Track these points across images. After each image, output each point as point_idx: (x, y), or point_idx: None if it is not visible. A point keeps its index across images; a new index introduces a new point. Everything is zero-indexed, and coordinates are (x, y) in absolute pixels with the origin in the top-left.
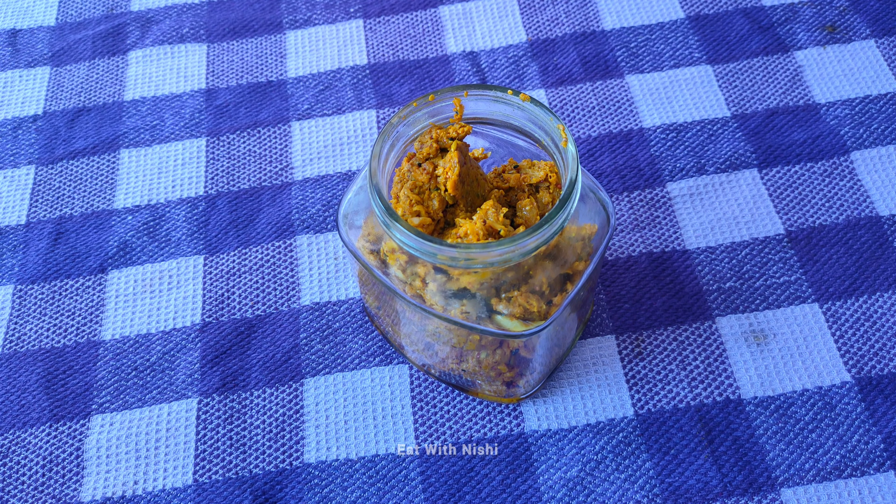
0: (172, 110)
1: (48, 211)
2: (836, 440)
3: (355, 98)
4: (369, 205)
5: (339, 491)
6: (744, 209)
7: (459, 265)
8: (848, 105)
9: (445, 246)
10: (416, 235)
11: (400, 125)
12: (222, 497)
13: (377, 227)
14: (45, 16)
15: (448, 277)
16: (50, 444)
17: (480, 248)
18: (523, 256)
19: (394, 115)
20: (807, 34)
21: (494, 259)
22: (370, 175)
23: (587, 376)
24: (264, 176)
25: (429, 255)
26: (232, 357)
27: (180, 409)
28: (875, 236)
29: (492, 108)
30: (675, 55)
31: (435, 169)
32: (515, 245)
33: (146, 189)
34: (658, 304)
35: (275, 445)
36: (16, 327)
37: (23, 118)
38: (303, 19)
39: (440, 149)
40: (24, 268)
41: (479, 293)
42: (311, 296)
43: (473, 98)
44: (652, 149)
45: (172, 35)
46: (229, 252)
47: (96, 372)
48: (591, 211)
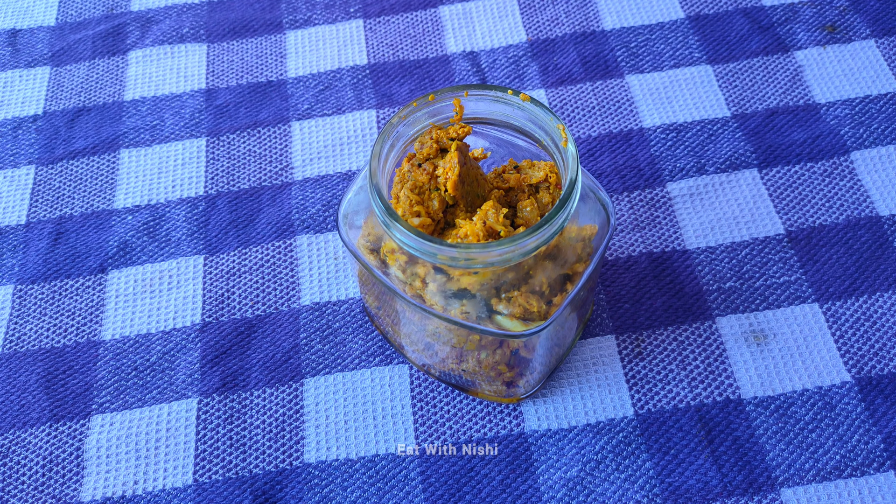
0: (172, 110)
1: (48, 211)
2: (836, 440)
3: (355, 98)
4: (369, 205)
5: (339, 491)
6: (744, 209)
7: (459, 265)
8: (848, 105)
9: (445, 246)
10: (416, 235)
11: (400, 125)
12: (222, 497)
13: (377, 227)
14: (45, 16)
15: (448, 277)
16: (50, 444)
17: (480, 248)
18: (523, 256)
19: (394, 115)
20: (807, 34)
21: (494, 259)
22: (370, 175)
23: (587, 376)
24: (264, 176)
25: (429, 255)
26: (232, 357)
27: (180, 409)
28: (875, 236)
29: (492, 108)
30: (675, 55)
31: (435, 169)
32: (515, 245)
33: (146, 189)
34: (658, 304)
35: (275, 445)
36: (16, 327)
37: (23, 118)
38: (303, 19)
39: (440, 149)
40: (24, 268)
41: (479, 293)
42: (311, 296)
43: (473, 98)
44: (652, 149)
45: (172, 35)
46: (229, 252)
47: (96, 372)
48: (591, 211)
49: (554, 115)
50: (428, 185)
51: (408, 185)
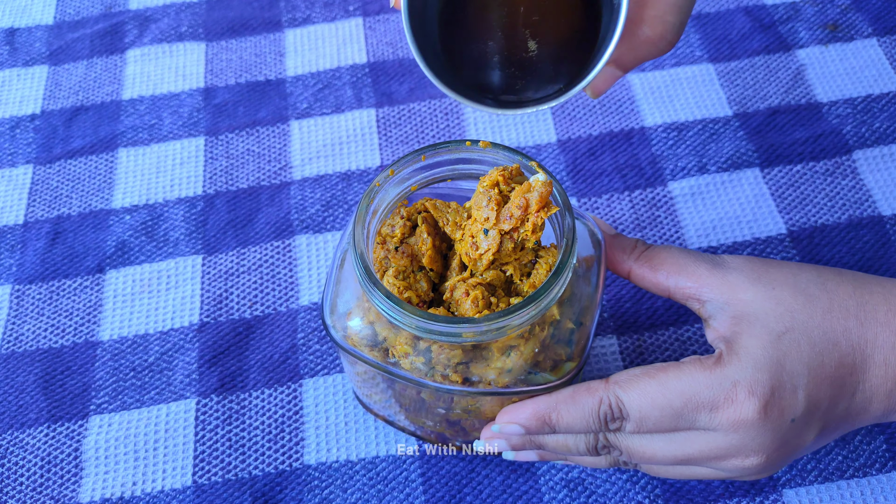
0: (171, 109)
1: (46, 210)
2: (838, 440)
3: (354, 97)
4: (358, 298)
5: (339, 493)
6: (745, 209)
7: (491, 335)
8: (850, 104)
9: (469, 323)
10: (444, 322)
11: (367, 214)
12: (222, 499)
13: (380, 325)
14: (42, 14)
15: (485, 359)
16: (48, 445)
17: (501, 315)
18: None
19: (359, 205)
20: (809, 33)
21: (524, 320)
22: (369, 293)
23: (589, 376)
24: (263, 175)
25: (455, 337)
26: (230, 357)
27: (179, 410)
28: (877, 236)
29: (455, 164)
30: (676, 53)
31: (412, 250)
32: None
33: (144, 188)
34: (659, 304)
35: (274, 447)
36: (13, 327)
37: (20, 117)
38: (302, 17)
39: (413, 225)
40: (22, 268)
41: (520, 358)
42: (309, 296)
43: (432, 158)
44: (653, 148)
45: (171, 33)
46: (228, 252)
47: (94, 372)
48: (581, 240)
49: (521, 154)
50: (411, 267)
51: (390, 272)
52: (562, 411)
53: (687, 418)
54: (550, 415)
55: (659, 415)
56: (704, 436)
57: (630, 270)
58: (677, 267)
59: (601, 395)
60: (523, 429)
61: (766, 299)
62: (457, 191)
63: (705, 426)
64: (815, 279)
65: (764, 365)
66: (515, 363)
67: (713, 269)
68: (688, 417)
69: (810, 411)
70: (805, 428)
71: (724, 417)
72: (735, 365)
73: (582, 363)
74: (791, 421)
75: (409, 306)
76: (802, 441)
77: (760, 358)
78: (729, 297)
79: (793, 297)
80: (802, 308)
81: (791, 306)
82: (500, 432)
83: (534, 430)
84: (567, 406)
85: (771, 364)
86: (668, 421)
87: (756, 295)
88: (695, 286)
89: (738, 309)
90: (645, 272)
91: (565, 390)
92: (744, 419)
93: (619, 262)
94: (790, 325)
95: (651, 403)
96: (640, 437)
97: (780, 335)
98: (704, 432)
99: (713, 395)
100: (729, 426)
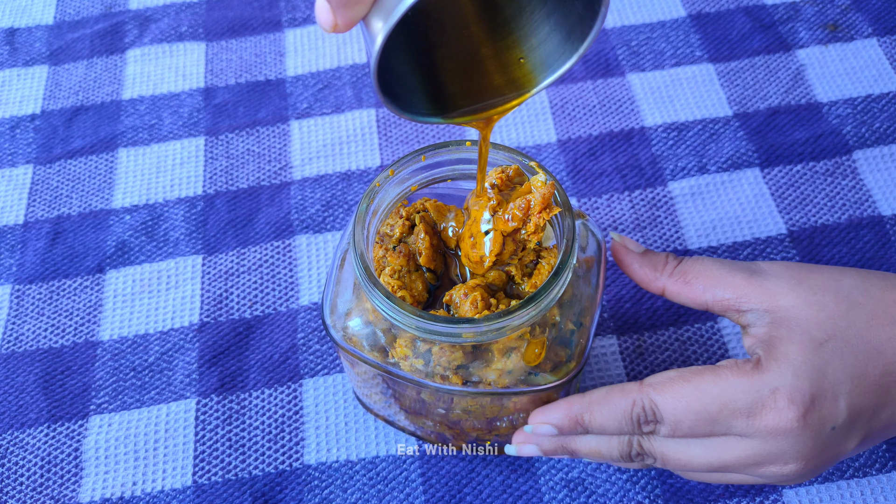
0: (171, 109)
1: (46, 210)
2: None
3: (355, 97)
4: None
5: (339, 493)
6: (745, 209)
7: (491, 336)
8: (850, 104)
9: (469, 324)
10: (443, 322)
11: (367, 214)
12: (222, 499)
13: (381, 324)
14: (42, 14)
15: (485, 360)
16: (48, 445)
17: (501, 315)
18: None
19: (359, 205)
20: (809, 33)
21: (524, 319)
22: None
23: (589, 376)
24: (263, 175)
25: (455, 337)
26: (230, 357)
27: (179, 410)
28: (878, 236)
29: (454, 165)
30: (676, 53)
31: (409, 249)
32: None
33: (144, 188)
34: (659, 304)
35: (274, 447)
36: (13, 327)
37: (21, 117)
38: (302, 17)
39: (411, 225)
40: (22, 267)
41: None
42: (309, 296)
43: (432, 159)
44: (653, 148)
45: (171, 33)
46: (228, 252)
47: (94, 372)
48: (584, 240)
49: (521, 154)
50: (407, 266)
51: (386, 270)
52: (594, 412)
53: (723, 424)
54: (583, 415)
55: (694, 419)
56: (741, 442)
57: (664, 288)
58: (713, 279)
59: (634, 396)
60: (556, 429)
61: (807, 305)
62: (457, 191)
63: (742, 432)
64: (859, 284)
65: (804, 373)
66: (516, 364)
67: (750, 277)
68: (723, 423)
69: (852, 420)
70: (846, 436)
71: (762, 424)
72: (774, 371)
73: (582, 364)
74: (832, 429)
75: (409, 306)
76: (843, 448)
77: (801, 365)
78: (769, 305)
79: (835, 303)
80: (845, 315)
81: (833, 313)
82: (533, 433)
83: (566, 431)
84: (600, 407)
85: (812, 372)
86: (703, 426)
87: (797, 300)
88: (734, 297)
89: (778, 315)
90: (681, 288)
91: (598, 391)
92: (783, 427)
93: (651, 280)
94: (832, 333)
95: (686, 407)
96: (675, 443)
97: (821, 343)
98: (741, 439)
99: (751, 402)
100: (767, 433)
